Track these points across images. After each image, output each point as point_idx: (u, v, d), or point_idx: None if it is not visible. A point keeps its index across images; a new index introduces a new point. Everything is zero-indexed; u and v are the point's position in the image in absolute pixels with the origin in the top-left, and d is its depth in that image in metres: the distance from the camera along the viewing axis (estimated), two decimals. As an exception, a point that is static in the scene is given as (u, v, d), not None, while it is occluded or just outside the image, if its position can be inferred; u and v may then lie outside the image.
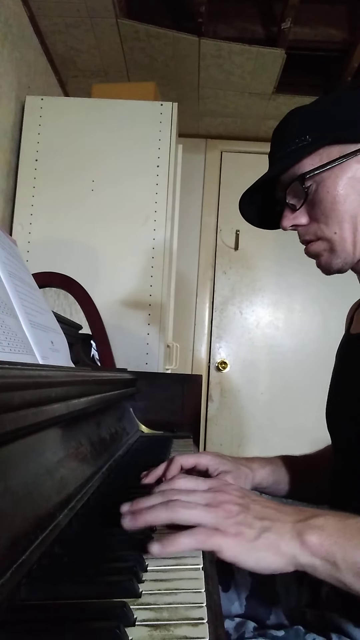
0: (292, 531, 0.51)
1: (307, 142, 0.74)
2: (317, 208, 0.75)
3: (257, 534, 0.50)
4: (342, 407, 0.81)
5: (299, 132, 0.75)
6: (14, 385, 0.44)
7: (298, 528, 0.51)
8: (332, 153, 0.73)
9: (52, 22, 2.04)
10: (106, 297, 1.79)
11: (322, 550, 0.49)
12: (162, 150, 1.93)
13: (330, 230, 0.75)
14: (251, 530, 0.50)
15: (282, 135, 0.79)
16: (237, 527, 0.50)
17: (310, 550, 0.49)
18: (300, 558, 0.49)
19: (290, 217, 0.79)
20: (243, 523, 0.51)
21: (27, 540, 0.45)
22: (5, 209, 1.91)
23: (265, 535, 0.50)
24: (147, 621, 0.38)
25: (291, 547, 0.50)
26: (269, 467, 0.84)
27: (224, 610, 0.79)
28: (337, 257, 0.77)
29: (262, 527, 0.51)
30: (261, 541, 0.49)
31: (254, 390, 2.83)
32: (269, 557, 0.49)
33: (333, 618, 0.70)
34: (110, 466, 0.83)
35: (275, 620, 0.80)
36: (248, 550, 0.49)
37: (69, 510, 0.57)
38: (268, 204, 0.85)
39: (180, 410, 1.40)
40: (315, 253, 0.79)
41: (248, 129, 2.82)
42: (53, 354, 0.82)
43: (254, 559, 0.49)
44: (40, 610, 0.39)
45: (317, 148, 0.74)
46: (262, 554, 0.49)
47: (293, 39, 2.10)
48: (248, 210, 0.87)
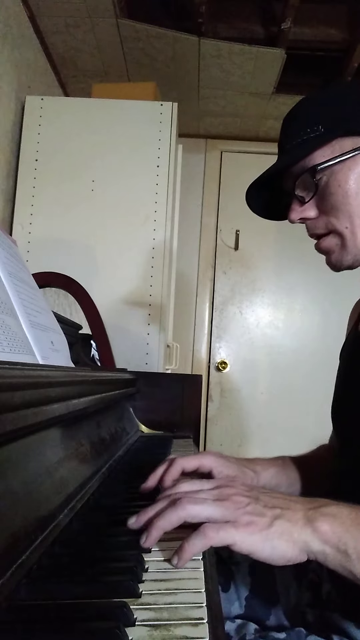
0: (304, 518, 0.50)
1: (319, 133, 0.72)
2: (327, 201, 0.73)
3: (269, 521, 0.49)
4: (349, 405, 0.80)
5: (310, 122, 0.73)
6: (14, 385, 0.44)
7: (310, 515, 0.50)
8: (345, 145, 0.72)
9: (52, 22, 2.04)
10: (106, 297, 1.80)
11: (334, 537, 0.49)
12: (162, 150, 1.93)
13: (342, 225, 0.73)
14: (263, 518, 0.49)
15: (291, 125, 0.77)
16: (248, 516, 0.49)
17: (322, 537, 0.49)
18: (312, 545, 0.49)
19: (298, 210, 0.77)
20: (254, 512, 0.50)
21: (27, 540, 0.45)
22: (5, 209, 1.91)
23: (278, 522, 0.49)
24: (147, 621, 0.38)
25: (303, 534, 0.49)
26: (272, 469, 0.83)
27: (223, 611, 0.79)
28: (348, 253, 0.75)
29: (273, 515, 0.50)
30: (274, 529, 0.49)
31: (254, 390, 2.83)
32: (283, 545, 0.48)
33: (334, 619, 0.70)
34: (110, 466, 0.83)
35: (276, 620, 0.79)
36: (262, 540, 0.48)
37: (69, 510, 0.57)
38: (275, 195, 0.83)
39: (180, 410, 1.40)
40: (326, 249, 0.77)
41: (248, 129, 2.82)
42: (53, 354, 0.82)
43: (269, 548, 0.48)
44: (40, 610, 0.39)
45: (330, 139, 0.72)
46: (276, 542, 0.48)
47: (293, 39, 2.10)
48: (255, 201, 0.85)
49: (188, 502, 0.50)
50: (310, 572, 0.82)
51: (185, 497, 0.51)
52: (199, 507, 0.50)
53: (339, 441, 0.84)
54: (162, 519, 0.49)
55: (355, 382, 0.80)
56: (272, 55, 2.16)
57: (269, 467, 0.82)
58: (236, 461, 0.76)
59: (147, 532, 0.50)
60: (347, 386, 0.83)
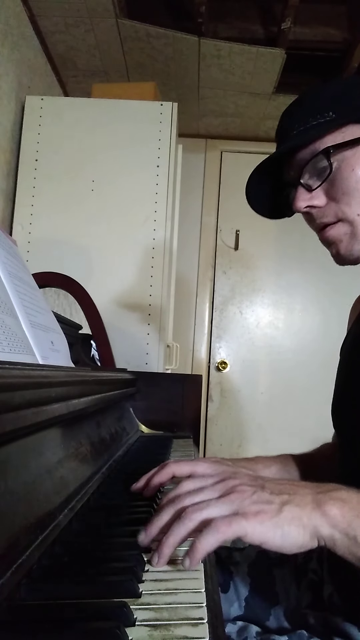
0: (312, 502, 0.49)
1: (330, 118, 0.71)
2: (337, 187, 0.71)
3: (278, 508, 0.48)
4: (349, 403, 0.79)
5: (321, 108, 0.72)
6: (14, 385, 0.44)
7: (319, 498, 0.49)
8: (356, 132, 0.70)
9: (52, 22, 2.04)
10: (106, 297, 1.80)
11: (344, 522, 0.48)
12: (162, 150, 1.93)
13: (353, 212, 0.71)
14: (271, 505, 0.48)
15: (299, 112, 0.75)
16: (256, 506, 0.48)
17: (331, 521, 0.48)
18: (321, 529, 0.48)
19: (305, 198, 0.73)
20: (261, 501, 0.48)
21: (27, 540, 0.45)
22: (5, 209, 1.91)
23: (287, 508, 0.48)
24: (147, 621, 0.38)
25: (313, 518, 0.48)
26: (274, 467, 0.83)
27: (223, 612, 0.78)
28: (358, 242, 0.72)
29: (281, 501, 0.48)
30: (284, 514, 0.47)
31: (254, 390, 2.83)
32: (294, 531, 0.47)
33: (337, 622, 0.69)
34: (110, 466, 0.83)
35: (275, 621, 0.79)
36: (273, 527, 0.46)
37: (69, 510, 0.57)
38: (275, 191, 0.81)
39: (180, 410, 1.40)
40: (333, 238, 0.74)
41: (248, 129, 2.82)
42: (53, 354, 0.82)
43: (280, 536, 0.47)
44: (40, 610, 0.39)
45: (342, 124, 0.71)
46: (287, 528, 0.47)
47: (293, 39, 2.10)
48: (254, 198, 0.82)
49: (193, 511, 0.48)
50: (310, 572, 0.82)
51: (190, 507, 0.49)
52: (205, 512, 0.48)
53: (340, 439, 0.84)
54: (172, 535, 0.47)
55: (355, 380, 0.79)
56: (272, 55, 2.16)
57: (270, 465, 0.82)
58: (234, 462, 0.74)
59: (158, 552, 0.47)
60: (347, 384, 0.82)
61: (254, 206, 0.83)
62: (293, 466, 0.86)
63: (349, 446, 0.79)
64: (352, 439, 0.78)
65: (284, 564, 0.84)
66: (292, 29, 2.04)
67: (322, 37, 2.15)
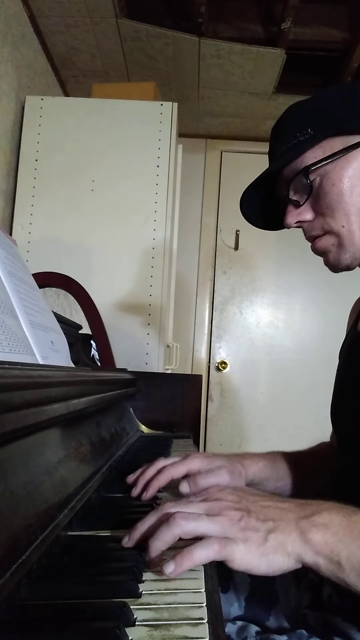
0: (296, 529, 0.50)
1: (308, 135, 0.73)
2: (322, 201, 0.73)
3: (264, 537, 0.49)
4: (348, 403, 0.80)
5: (299, 126, 0.74)
6: (14, 385, 0.44)
7: (302, 526, 0.50)
8: (335, 145, 0.72)
9: (52, 22, 2.04)
10: (106, 297, 1.80)
11: (327, 548, 0.49)
12: (162, 150, 1.93)
13: (338, 224, 0.73)
14: (257, 533, 0.49)
15: (281, 132, 0.78)
16: (243, 533, 0.49)
17: (314, 548, 0.49)
18: (304, 557, 0.49)
19: (294, 214, 0.76)
20: (248, 528, 0.49)
21: (27, 541, 0.45)
22: (5, 209, 1.91)
23: (272, 536, 0.49)
24: (147, 621, 0.38)
25: (297, 547, 0.49)
26: (262, 463, 0.83)
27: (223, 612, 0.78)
28: (346, 251, 0.75)
29: (267, 529, 0.50)
30: (270, 544, 0.49)
31: (254, 390, 2.83)
32: (279, 559, 0.48)
33: (336, 622, 0.69)
34: (110, 466, 0.83)
35: (275, 621, 0.79)
36: (259, 556, 0.48)
37: (69, 510, 0.57)
38: (270, 205, 0.83)
39: (180, 410, 1.40)
40: (323, 249, 0.77)
41: (248, 129, 2.82)
42: (53, 354, 0.82)
43: (266, 564, 0.48)
44: (40, 610, 0.39)
45: (320, 140, 0.72)
46: (272, 557, 0.48)
47: (293, 39, 2.10)
48: (250, 212, 0.85)
49: (181, 518, 0.49)
50: (310, 573, 0.82)
51: (178, 514, 0.49)
52: (193, 523, 0.49)
53: (339, 440, 0.84)
54: (157, 539, 0.48)
55: (354, 381, 0.79)
56: (272, 55, 2.16)
57: (258, 461, 0.82)
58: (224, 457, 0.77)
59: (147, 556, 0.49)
60: (346, 385, 0.83)
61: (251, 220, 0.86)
62: (282, 463, 0.86)
63: (347, 445, 0.80)
64: (350, 439, 0.79)
65: None
66: (292, 29, 2.04)
67: (322, 37, 2.15)
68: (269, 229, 0.86)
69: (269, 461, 0.84)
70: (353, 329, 0.87)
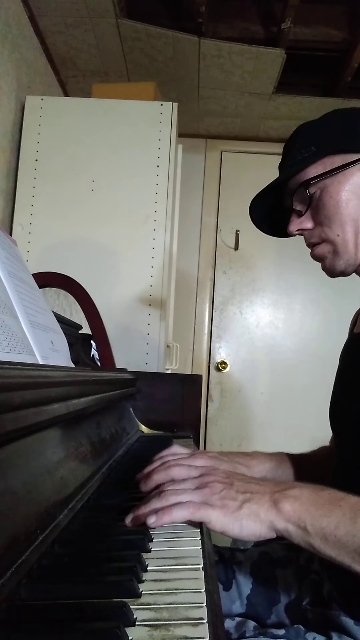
0: (270, 500, 0.57)
1: (311, 152, 0.81)
2: (321, 212, 0.81)
3: (239, 504, 0.57)
4: (346, 406, 0.82)
5: (305, 144, 0.82)
6: (14, 385, 0.44)
7: (275, 497, 0.58)
8: (335, 162, 0.79)
9: (52, 22, 2.04)
10: (106, 297, 1.79)
11: (295, 516, 0.56)
12: (162, 150, 1.93)
13: (334, 233, 0.80)
14: (234, 502, 0.57)
15: (290, 148, 0.86)
16: (221, 500, 0.57)
17: (284, 516, 0.56)
18: (276, 523, 0.56)
19: (296, 222, 0.84)
20: (227, 497, 0.58)
21: (27, 540, 0.45)
22: (5, 209, 1.91)
23: (247, 505, 0.57)
24: (147, 621, 0.38)
25: (269, 514, 0.56)
26: (268, 464, 0.86)
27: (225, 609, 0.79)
28: (340, 259, 0.81)
29: (243, 499, 0.58)
30: (244, 510, 0.56)
31: (254, 390, 2.83)
32: (251, 524, 0.56)
33: (334, 616, 0.71)
34: (110, 466, 0.83)
35: (277, 619, 0.80)
36: (233, 520, 0.56)
37: (69, 510, 0.57)
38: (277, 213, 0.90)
39: (180, 410, 1.40)
40: (319, 256, 0.84)
41: (248, 129, 2.82)
42: (53, 354, 0.82)
43: (239, 526, 0.56)
44: (40, 610, 0.39)
45: (321, 157, 0.80)
46: (244, 521, 0.56)
47: (293, 39, 2.10)
48: (259, 220, 0.93)
49: (171, 494, 0.58)
50: (312, 573, 0.83)
51: (169, 490, 0.59)
52: (179, 497, 0.58)
53: (337, 442, 0.86)
54: (147, 506, 0.58)
55: (352, 384, 0.81)
56: (272, 55, 2.16)
57: (265, 462, 0.86)
58: (230, 458, 0.80)
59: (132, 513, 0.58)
60: (345, 388, 0.85)
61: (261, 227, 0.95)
62: (288, 465, 0.88)
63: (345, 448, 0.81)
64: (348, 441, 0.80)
65: (286, 565, 0.86)
66: (292, 29, 2.04)
67: (322, 37, 2.15)
68: (277, 235, 0.93)
69: (276, 462, 0.87)
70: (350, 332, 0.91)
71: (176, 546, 0.53)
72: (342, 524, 0.54)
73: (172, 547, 0.53)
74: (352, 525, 0.54)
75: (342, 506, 0.56)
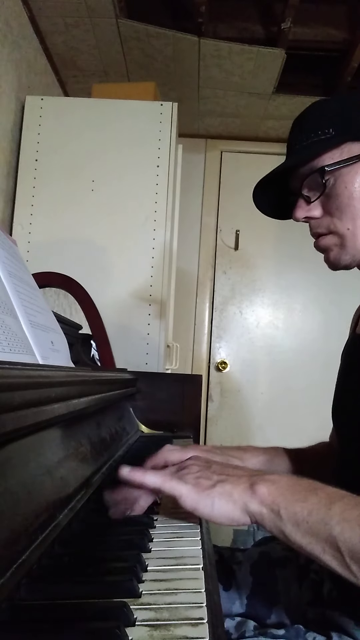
0: (246, 482, 0.57)
1: (329, 136, 0.74)
2: (332, 202, 0.75)
3: (213, 484, 0.57)
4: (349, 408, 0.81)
5: (321, 124, 0.76)
6: (14, 385, 0.44)
7: (252, 480, 0.57)
8: (354, 150, 0.74)
9: (52, 22, 2.04)
10: (106, 297, 1.79)
11: (269, 499, 0.55)
12: (162, 150, 1.93)
13: (344, 225, 0.75)
14: (208, 481, 0.57)
15: (303, 126, 0.79)
16: (195, 479, 0.58)
17: (259, 498, 0.55)
18: (250, 505, 0.55)
19: (304, 209, 0.78)
20: (201, 477, 0.58)
21: (27, 540, 0.45)
22: (5, 209, 1.91)
23: (220, 484, 0.57)
24: (147, 621, 0.38)
25: (243, 496, 0.55)
26: (262, 457, 0.85)
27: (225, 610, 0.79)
28: (347, 253, 0.77)
29: (218, 479, 0.58)
30: (217, 489, 0.56)
31: (254, 390, 2.83)
32: (223, 504, 0.55)
33: (334, 617, 0.70)
34: (110, 466, 0.83)
35: (276, 619, 0.80)
36: (205, 497, 0.55)
37: (69, 510, 0.57)
38: (281, 194, 0.85)
39: (180, 410, 1.40)
40: (325, 247, 0.80)
41: (248, 129, 2.82)
42: (53, 354, 0.82)
43: (210, 505, 0.55)
44: (40, 610, 0.39)
45: (340, 143, 0.74)
46: (217, 500, 0.55)
47: (293, 39, 2.10)
48: (261, 199, 0.86)
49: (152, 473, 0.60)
50: (312, 572, 0.83)
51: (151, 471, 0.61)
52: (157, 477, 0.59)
53: (339, 440, 0.85)
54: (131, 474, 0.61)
55: (354, 383, 0.81)
56: (272, 55, 2.16)
57: (259, 455, 0.85)
58: (223, 451, 0.79)
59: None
60: (347, 386, 0.84)
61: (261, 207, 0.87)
62: (283, 458, 0.87)
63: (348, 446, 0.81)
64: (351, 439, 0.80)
65: (286, 565, 0.86)
66: (292, 29, 2.04)
67: (322, 37, 2.15)
68: (277, 217, 0.88)
69: (269, 456, 0.86)
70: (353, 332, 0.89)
71: (176, 546, 0.53)
72: (316, 511, 0.52)
73: (172, 547, 0.53)
74: (325, 512, 0.51)
75: (319, 494, 0.54)
